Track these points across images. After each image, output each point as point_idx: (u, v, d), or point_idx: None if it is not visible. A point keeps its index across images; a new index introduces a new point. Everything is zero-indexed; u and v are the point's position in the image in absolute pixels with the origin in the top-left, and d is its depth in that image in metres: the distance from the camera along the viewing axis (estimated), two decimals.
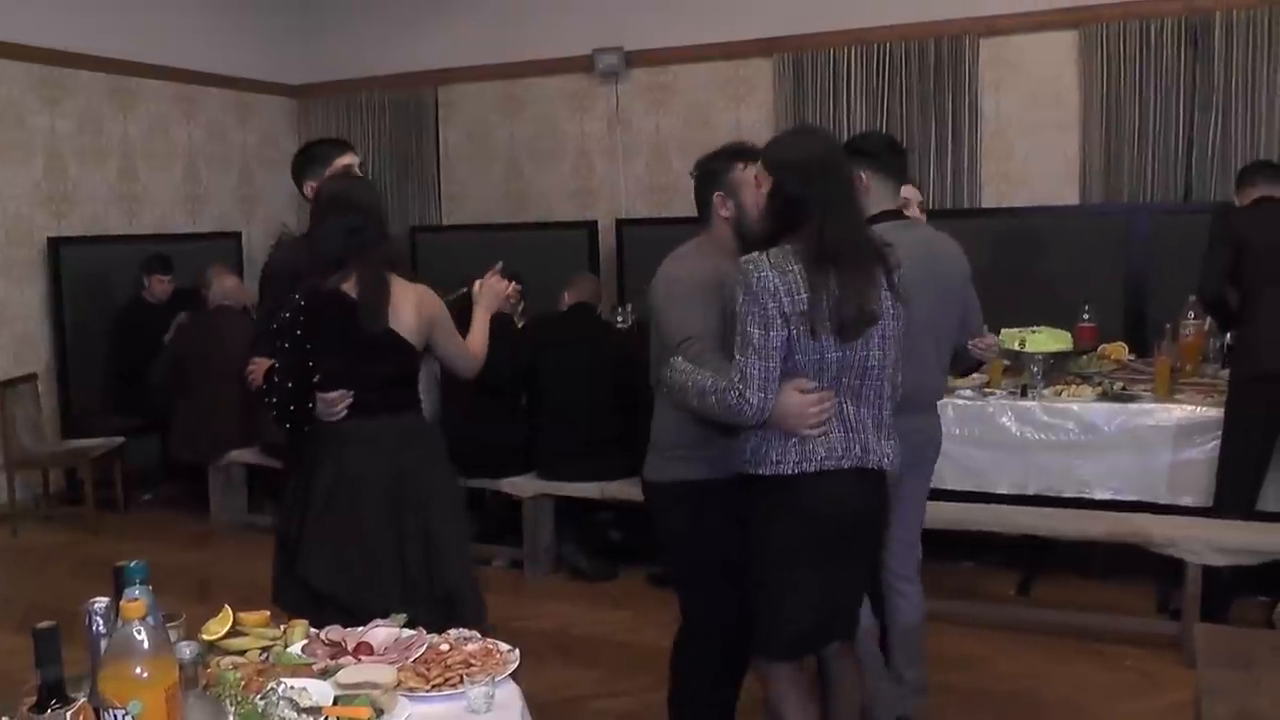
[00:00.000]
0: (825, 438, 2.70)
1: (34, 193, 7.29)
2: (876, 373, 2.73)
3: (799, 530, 2.74)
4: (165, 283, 7.24)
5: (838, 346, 2.65)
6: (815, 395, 2.67)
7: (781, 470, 2.71)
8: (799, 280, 2.61)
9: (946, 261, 3.45)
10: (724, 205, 3.00)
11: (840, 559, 2.80)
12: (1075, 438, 4.88)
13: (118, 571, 1.85)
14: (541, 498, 5.56)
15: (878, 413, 2.78)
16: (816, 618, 2.83)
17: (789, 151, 2.76)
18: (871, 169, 3.32)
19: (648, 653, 4.50)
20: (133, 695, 1.64)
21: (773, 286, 2.61)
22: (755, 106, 7.71)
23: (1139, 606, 4.85)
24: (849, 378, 2.70)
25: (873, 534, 2.94)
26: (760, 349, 2.63)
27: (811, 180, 2.66)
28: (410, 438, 3.26)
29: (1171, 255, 6.13)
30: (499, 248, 6.64)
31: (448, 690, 2.10)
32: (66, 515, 6.96)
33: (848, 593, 2.91)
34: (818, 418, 2.67)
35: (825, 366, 2.67)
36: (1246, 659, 3.04)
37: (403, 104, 8.81)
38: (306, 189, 3.61)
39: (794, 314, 2.61)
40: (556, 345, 5.45)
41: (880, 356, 2.72)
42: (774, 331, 2.62)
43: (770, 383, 2.64)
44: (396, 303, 3.15)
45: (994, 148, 7.12)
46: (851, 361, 2.68)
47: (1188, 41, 6.51)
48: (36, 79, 7.26)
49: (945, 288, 3.38)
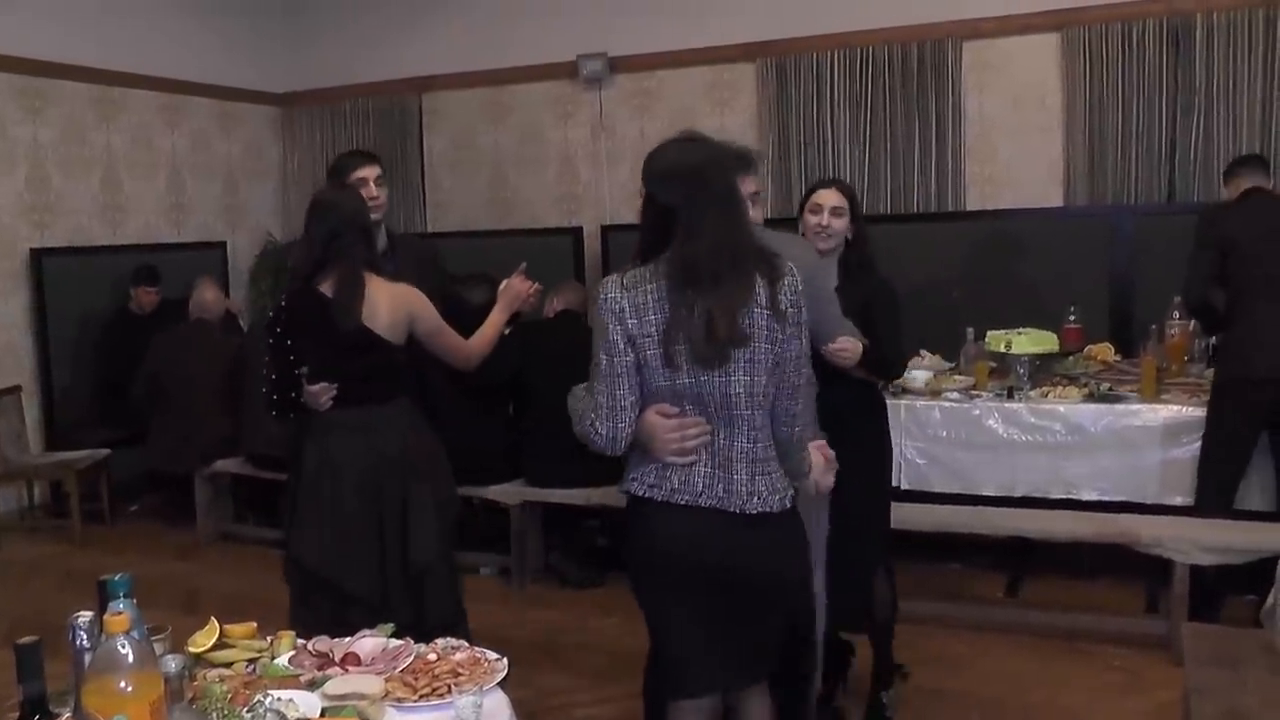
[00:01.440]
0: (688, 469, 2.51)
1: (16, 203, 7.26)
2: (744, 401, 2.47)
3: (642, 558, 2.61)
4: (152, 294, 7.22)
5: (691, 373, 2.45)
6: (675, 421, 2.49)
7: (634, 490, 2.57)
8: (653, 300, 2.46)
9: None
10: None
11: (706, 601, 2.55)
12: (1062, 439, 4.90)
13: (102, 585, 1.85)
14: (529, 505, 5.55)
15: (750, 446, 2.52)
16: (698, 657, 2.59)
17: (659, 160, 2.61)
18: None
19: (635, 659, 4.46)
20: (117, 710, 1.63)
21: (618, 308, 2.47)
22: (739, 111, 7.71)
23: (1127, 607, 4.86)
24: (714, 406, 2.49)
25: (754, 584, 2.56)
26: (606, 375, 2.49)
27: (678, 191, 2.49)
28: (391, 424, 3.46)
29: (1156, 256, 6.15)
30: (484, 254, 6.68)
31: (435, 700, 2.10)
32: (51, 527, 6.93)
33: (733, 639, 2.59)
34: (678, 444, 2.49)
35: (679, 393, 2.47)
36: (1234, 658, 3.06)
37: (387, 111, 8.79)
38: None
39: (641, 336, 2.46)
40: (543, 352, 5.44)
41: (747, 384, 2.46)
42: (618, 357, 2.47)
43: (619, 411, 2.48)
44: (372, 301, 3.35)
45: (978, 150, 7.13)
46: (712, 389, 2.46)
47: (1169, 43, 6.53)
48: (18, 89, 7.22)
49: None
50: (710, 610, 2.56)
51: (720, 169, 2.56)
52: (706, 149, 2.62)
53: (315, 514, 3.39)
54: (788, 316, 2.48)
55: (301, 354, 3.37)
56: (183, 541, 6.57)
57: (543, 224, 8.32)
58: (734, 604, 2.55)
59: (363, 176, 3.87)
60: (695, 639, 2.58)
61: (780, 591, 2.62)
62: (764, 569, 2.55)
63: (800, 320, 2.52)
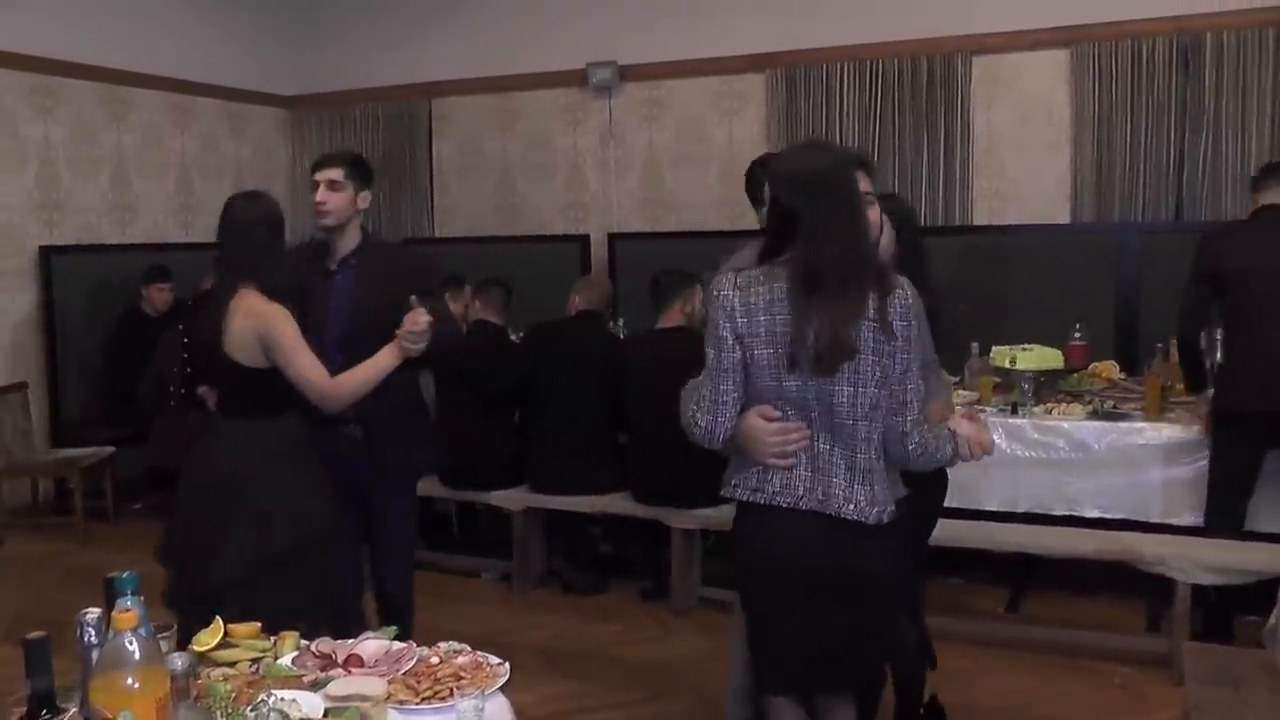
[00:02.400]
0: (788, 473, 2.57)
1: (26, 201, 7.28)
2: (847, 411, 2.51)
3: (746, 559, 2.69)
4: (165, 291, 7.22)
5: (799, 377, 2.49)
6: (778, 425, 2.54)
7: (737, 494, 2.65)
8: (768, 302, 2.51)
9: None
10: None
11: (803, 604, 2.62)
12: (1065, 455, 4.90)
13: (109, 582, 1.85)
14: (532, 511, 5.56)
15: (852, 455, 2.54)
16: (793, 656, 2.68)
17: (789, 164, 2.66)
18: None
19: (638, 666, 4.51)
20: (124, 706, 1.64)
21: (729, 306, 2.53)
22: (748, 122, 7.73)
23: (1128, 624, 4.86)
24: (819, 413, 2.53)
25: (852, 587, 2.61)
26: (712, 370, 2.57)
27: (805, 195, 2.52)
28: (250, 441, 3.31)
29: (1162, 274, 6.14)
30: (491, 261, 6.70)
31: (437, 703, 2.10)
32: (56, 525, 6.93)
33: (823, 643, 2.66)
34: (779, 448, 2.55)
35: (785, 396, 2.53)
36: (1234, 677, 3.06)
37: (396, 116, 8.82)
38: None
39: (750, 336, 2.52)
40: (557, 354, 5.41)
41: (850, 394, 2.49)
42: (725, 353, 2.54)
43: (720, 406, 2.56)
44: (231, 320, 3.25)
45: (986, 165, 7.15)
46: (819, 396, 2.51)
47: (1178, 61, 6.55)
48: (29, 87, 7.25)
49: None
50: (808, 610, 2.63)
51: (844, 174, 2.59)
52: (831, 154, 2.71)
53: (175, 513, 3.46)
54: (895, 331, 2.48)
55: (194, 355, 3.54)
56: None
57: (550, 231, 8.34)
58: (831, 605, 2.62)
59: (314, 180, 3.67)
60: (793, 636, 2.67)
61: (874, 598, 2.66)
62: (860, 573, 2.60)
63: (910, 336, 2.51)
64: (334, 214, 3.62)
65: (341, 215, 3.63)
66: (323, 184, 3.62)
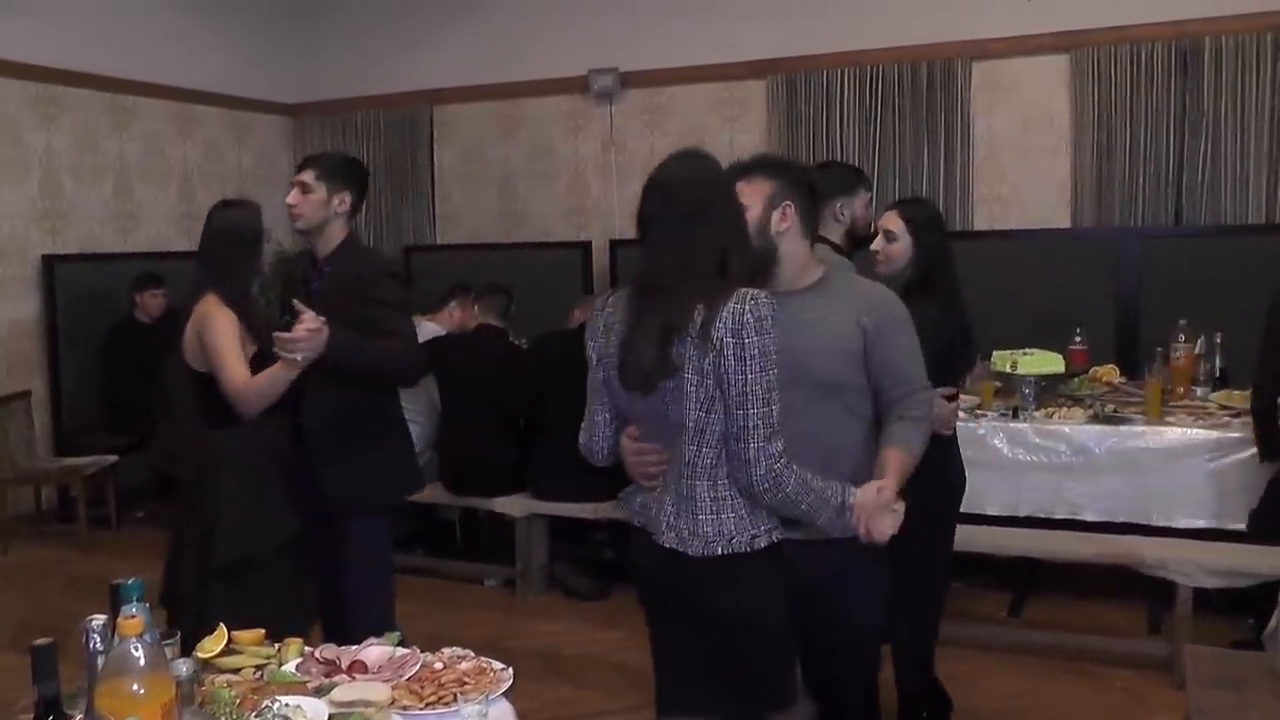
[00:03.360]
0: (659, 497, 2.47)
1: (29, 209, 7.30)
2: (687, 434, 2.35)
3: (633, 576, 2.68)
4: (158, 297, 7.23)
5: (630, 397, 2.44)
6: (636, 445, 2.50)
7: (626, 509, 2.64)
8: (617, 319, 2.46)
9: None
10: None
11: (656, 627, 2.63)
12: (1066, 459, 4.90)
13: (114, 589, 1.87)
14: (535, 517, 5.57)
15: (679, 479, 2.41)
16: (661, 676, 2.65)
17: (652, 173, 2.54)
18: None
19: (641, 672, 4.48)
20: (130, 711, 1.65)
21: (594, 326, 2.54)
22: (750, 128, 7.75)
23: (1130, 628, 4.87)
24: (665, 435, 2.42)
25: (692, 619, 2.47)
26: (589, 389, 2.61)
27: (649, 204, 2.47)
28: (204, 451, 3.30)
29: (1162, 278, 6.18)
30: (493, 267, 6.71)
31: (441, 708, 2.11)
32: (59, 532, 6.95)
33: (676, 671, 2.60)
34: (641, 469, 2.50)
35: (633, 416, 2.50)
36: (1236, 680, 3.06)
37: (398, 123, 8.84)
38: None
39: (605, 354, 2.50)
40: (559, 364, 5.44)
41: (679, 415, 2.34)
42: (591, 373, 2.56)
43: (593, 425, 2.60)
44: (187, 326, 3.29)
45: (986, 170, 7.16)
46: (655, 416, 2.41)
47: (1178, 65, 6.57)
48: (33, 96, 7.27)
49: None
50: (658, 634, 2.62)
51: (693, 185, 2.43)
52: (691, 164, 2.50)
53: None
54: (721, 348, 2.27)
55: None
56: None
57: (552, 238, 8.36)
58: (676, 634, 2.54)
59: (291, 181, 3.61)
60: (662, 661, 2.64)
61: (722, 635, 2.45)
62: (698, 605, 2.44)
63: (745, 355, 2.27)
64: (303, 217, 3.52)
65: (311, 219, 3.52)
66: (295, 186, 3.56)
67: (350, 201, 3.53)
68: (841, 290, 2.72)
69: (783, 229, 2.65)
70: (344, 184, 3.51)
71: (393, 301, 3.42)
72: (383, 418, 3.63)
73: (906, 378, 2.70)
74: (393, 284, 3.50)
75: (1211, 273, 6.07)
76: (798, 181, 2.70)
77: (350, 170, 3.58)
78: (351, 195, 3.53)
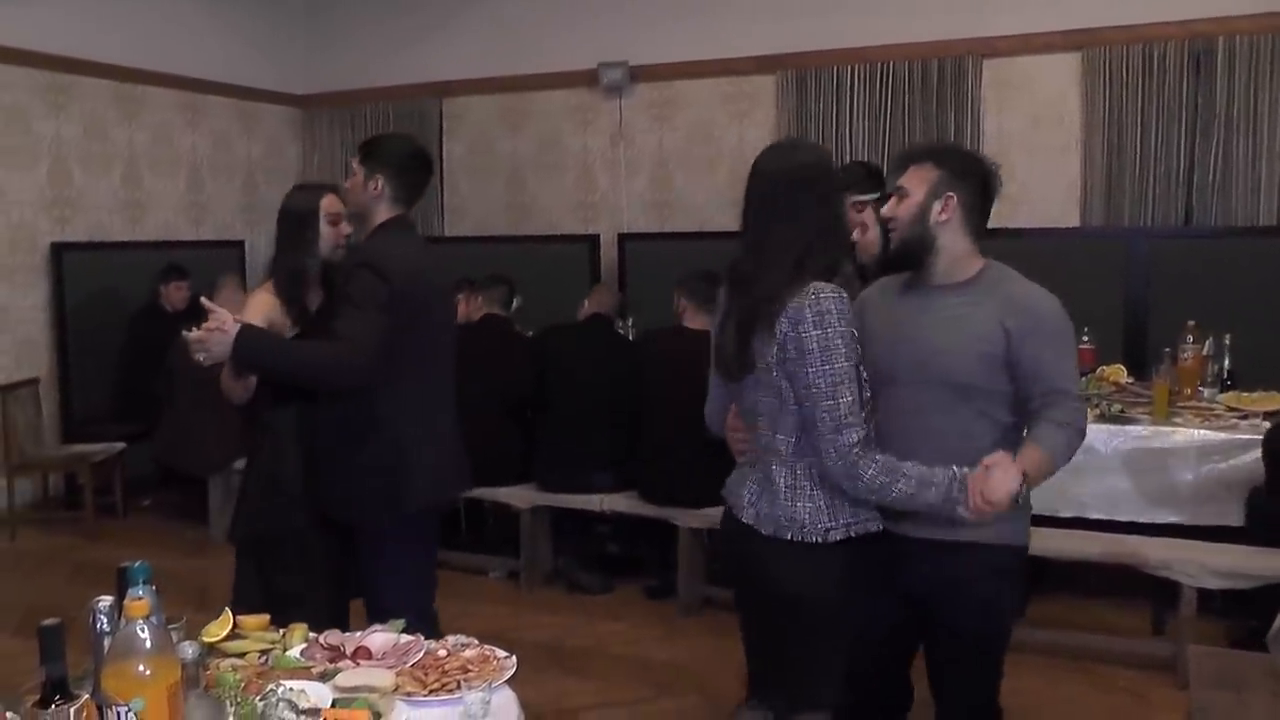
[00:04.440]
0: (744, 477, 2.62)
1: (38, 198, 7.32)
2: (765, 422, 2.50)
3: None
4: (184, 289, 7.26)
5: (725, 382, 2.60)
6: (733, 422, 2.67)
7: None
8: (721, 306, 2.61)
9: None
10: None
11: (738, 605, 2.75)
12: (1072, 459, 4.88)
13: (121, 571, 1.87)
14: (539, 509, 5.57)
15: (761, 463, 2.54)
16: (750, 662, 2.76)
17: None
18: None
19: (644, 665, 4.51)
20: (135, 693, 1.66)
21: (716, 305, 2.68)
22: (758, 123, 7.74)
23: (1133, 628, 4.86)
24: (750, 418, 2.57)
25: (756, 598, 2.61)
26: (711, 365, 2.70)
27: (745, 196, 2.52)
28: (260, 425, 3.45)
29: (1171, 279, 6.16)
30: (501, 260, 6.71)
31: (445, 695, 2.11)
32: (65, 520, 6.96)
33: (751, 649, 2.72)
34: (736, 445, 2.67)
35: (733, 396, 2.63)
36: (1239, 681, 3.06)
37: (407, 115, 8.84)
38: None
39: (715, 338, 2.64)
40: (565, 357, 5.45)
41: (754, 403, 2.51)
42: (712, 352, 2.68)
43: (712, 400, 2.75)
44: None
45: None
46: (741, 399, 2.58)
47: (1190, 65, 6.55)
48: (42, 84, 7.29)
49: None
50: (738, 610, 2.71)
51: (781, 176, 2.47)
52: (781, 154, 2.54)
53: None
54: (784, 342, 2.38)
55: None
56: (195, 538, 6.59)
57: (560, 231, 8.37)
58: (748, 613, 2.66)
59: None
60: (746, 648, 2.74)
61: (782, 617, 2.54)
62: (775, 593, 2.52)
63: (811, 348, 2.35)
64: (349, 203, 3.38)
65: (353, 203, 3.36)
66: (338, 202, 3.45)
67: (384, 184, 3.26)
68: (994, 289, 2.64)
69: (942, 220, 2.60)
70: (379, 166, 3.28)
71: (357, 298, 3.10)
72: (354, 425, 3.25)
73: (1050, 385, 2.56)
74: (367, 277, 3.12)
75: (1221, 274, 6.05)
76: (966, 173, 2.63)
77: (388, 151, 3.33)
78: (386, 178, 3.27)
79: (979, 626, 2.72)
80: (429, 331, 3.27)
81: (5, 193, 7.12)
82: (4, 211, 7.12)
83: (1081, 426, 2.58)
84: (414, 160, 3.34)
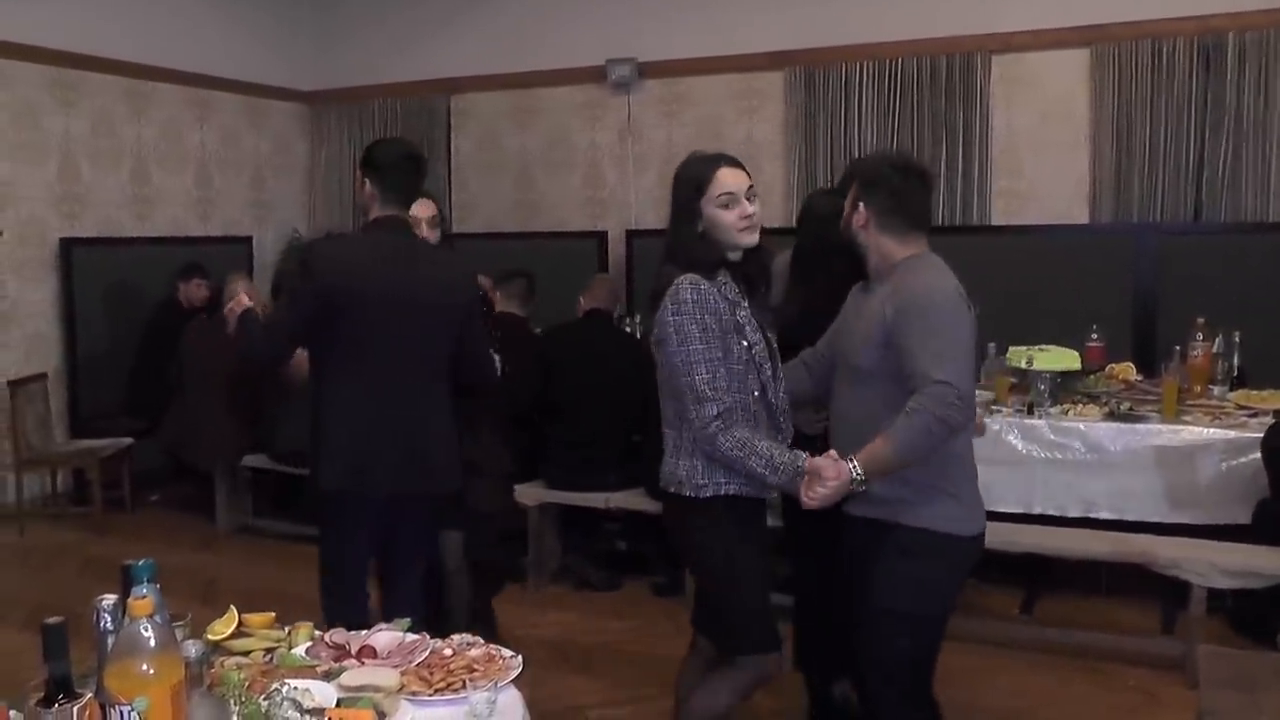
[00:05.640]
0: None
1: (47, 193, 7.33)
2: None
3: None
4: (203, 286, 7.27)
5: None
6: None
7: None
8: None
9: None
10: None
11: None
12: (1081, 457, 4.87)
13: (126, 569, 1.87)
14: (547, 507, 5.57)
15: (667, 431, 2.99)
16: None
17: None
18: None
19: (652, 662, 4.51)
20: (139, 692, 1.65)
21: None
22: (767, 119, 7.73)
23: (1143, 627, 4.84)
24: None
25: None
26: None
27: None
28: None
29: (1181, 276, 6.14)
30: (509, 257, 6.70)
31: (450, 695, 2.11)
32: (74, 515, 6.99)
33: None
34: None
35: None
36: (1249, 681, 3.05)
37: (415, 112, 8.84)
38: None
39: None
40: (569, 357, 5.42)
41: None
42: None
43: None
44: None
45: (1004, 164, 7.13)
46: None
47: (1199, 61, 6.51)
48: (51, 81, 7.30)
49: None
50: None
51: (684, 175, 3.01)
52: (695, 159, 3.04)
53: None
54: (658, 324, 2.84)
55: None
56: (202, 533, 6.61)
57: (568, 227, 8.36)
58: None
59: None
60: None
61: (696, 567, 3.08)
62: (676, 541, 3.09)
63: (664, 334, 2.81)
64: (357, 204, 3.72)
65: (359, 205, 3.72)
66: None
67: (372, 185, 3.42)
68: (896, 279, 2.82)
69: (860, 226, 2.90)
70: (368, 169, 3.46)
71: (286, 288, 3.51)
72: (316, 402, 3.42)
73: (912, 368, 2.67)
74: (296, 270, 3.62)
75: (1231, 271, 6.03)
76: (874, 183, 2.91)
77: (376, 154, 3.50)
78: (373, 180, 3.42)
79: (880, 599, 2.86)
80: (360, 328, 3.32)
81: (15, 188, 7.14)
82: (14, 207, 7.13)
83: (941, 413, 2.61)
84: (402, 162, 3.50)
